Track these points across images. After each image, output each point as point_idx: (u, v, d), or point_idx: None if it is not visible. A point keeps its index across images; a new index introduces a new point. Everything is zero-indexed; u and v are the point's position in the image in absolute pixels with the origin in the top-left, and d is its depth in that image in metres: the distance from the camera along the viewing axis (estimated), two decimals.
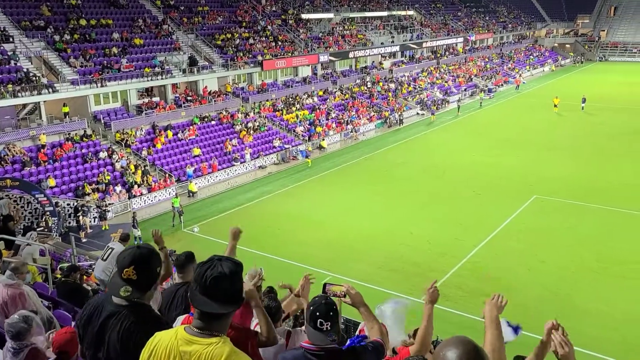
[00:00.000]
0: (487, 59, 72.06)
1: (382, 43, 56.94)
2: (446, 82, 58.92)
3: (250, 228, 24.83)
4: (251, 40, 44.48)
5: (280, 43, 46.61)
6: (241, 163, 33.93)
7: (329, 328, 3.41)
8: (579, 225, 23.71)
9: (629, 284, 18.63)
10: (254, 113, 40.16)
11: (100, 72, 32.49)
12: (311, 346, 3.45)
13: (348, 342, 3.76)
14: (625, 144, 36.61)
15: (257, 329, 4.06)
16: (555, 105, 47.47)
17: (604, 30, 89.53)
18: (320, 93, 46.77)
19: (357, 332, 4.14)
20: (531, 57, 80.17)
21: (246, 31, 45.65)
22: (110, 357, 2.96)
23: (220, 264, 2.56)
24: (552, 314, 16.89)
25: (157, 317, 3.18)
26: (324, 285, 3.82)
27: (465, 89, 58.25)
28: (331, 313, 3.45)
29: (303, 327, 4.71)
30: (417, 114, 49.10)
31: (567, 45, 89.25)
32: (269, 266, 13.19)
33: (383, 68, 56.31)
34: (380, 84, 52.70)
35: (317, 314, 3.42)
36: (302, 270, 18.75)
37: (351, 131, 41.93)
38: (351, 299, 3.79)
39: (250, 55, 42.41)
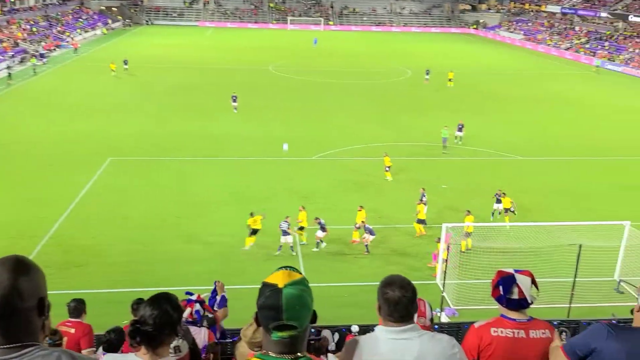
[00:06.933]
0: (32, 22, 66.19)
1: None
2: None
3: None
4: None
5: None
6: None
7: None
8: (156, 178, 25.27)
9: (212, 218, 21.26)
10: None
11: None
12: None
13: None
14: (182, 98, 40.50)
15: None
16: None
17: None
18: None
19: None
20: (80, 20, 77.98)
21: None
22: None
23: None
24: (144, 264, 17.84)
25: None
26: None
27: (13, 55, 52.24)
28: None
29: None
30: None
31: (114, 9, 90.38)
32: None
33: None
34: None
35: None
36: None
37: None
38: None
39: None
